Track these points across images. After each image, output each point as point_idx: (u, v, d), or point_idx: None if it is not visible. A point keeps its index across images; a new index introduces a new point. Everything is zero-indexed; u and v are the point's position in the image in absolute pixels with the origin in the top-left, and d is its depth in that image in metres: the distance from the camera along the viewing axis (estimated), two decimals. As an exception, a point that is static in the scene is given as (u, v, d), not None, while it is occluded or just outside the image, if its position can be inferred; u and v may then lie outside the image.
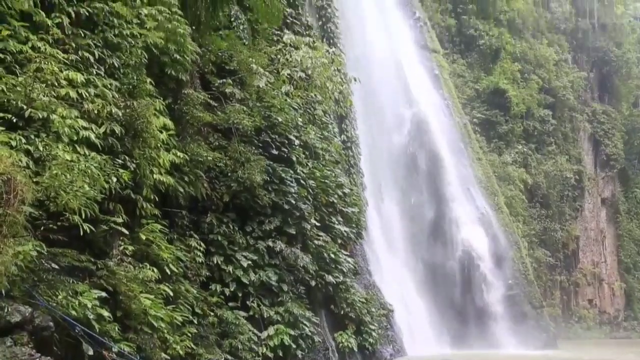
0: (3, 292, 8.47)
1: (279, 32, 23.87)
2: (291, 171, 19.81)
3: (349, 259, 22.34)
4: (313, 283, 19.52)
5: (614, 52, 63.44)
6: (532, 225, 49.56)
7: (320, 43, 24.17)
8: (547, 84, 55.64)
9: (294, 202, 19.11)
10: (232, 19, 20.75)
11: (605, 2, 66.14)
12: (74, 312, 9.66)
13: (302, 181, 20.33)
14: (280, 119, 20.06)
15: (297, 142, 20.93)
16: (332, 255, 20.78)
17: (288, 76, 22.07)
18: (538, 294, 40.06)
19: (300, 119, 22.14)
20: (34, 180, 9.57)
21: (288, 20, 25.37)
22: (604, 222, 60.65)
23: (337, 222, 22.70)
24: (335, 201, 22.86)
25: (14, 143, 9.88)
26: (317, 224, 20.81)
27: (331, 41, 30.61)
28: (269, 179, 18.45)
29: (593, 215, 59.59)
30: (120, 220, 11.96)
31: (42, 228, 10.01)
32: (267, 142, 19.54)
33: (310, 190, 20.90)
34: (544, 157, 53.80)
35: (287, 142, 20.33)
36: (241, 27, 21.05)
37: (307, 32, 26.45)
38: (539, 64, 55.98)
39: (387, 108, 37.98)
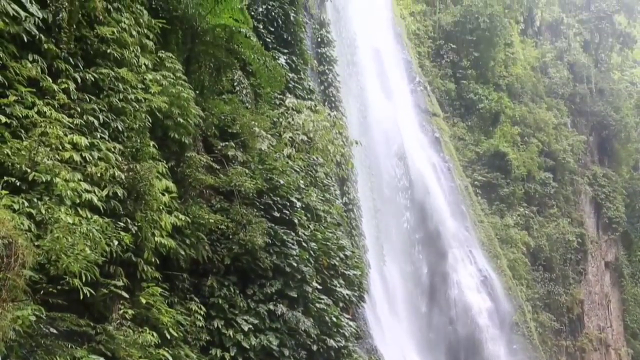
0: (0, 358, 8.34)
1: (281, 96, 24.22)
2: (293, 233, 19.74)
3: (351, 323, 22.01)
4: (315, 347, 19.18)
5: (613, 116, 64.13)
6: (536, 288, 49.05)
7: (321, 107, 24.53)
8: (547, 147, 56.05)
9: (295, 264, 18.97)
10: (236, 84, 21.09)
11: (602, 68, 67.40)
12: (71, 378, 9.49)
13: (303, 244, 20.24)
14: (282, 182, 20.13)
15: (298, 204, 20.94)
16: (334, 319, 20.48)
17: (290, 139, 22.28)
18: (544, 359, 39.33)
19: (302, 182, 22.22)
20: (35, 243, 9.54)
21: (290, 85, 25.77)
22: (609, 286, 60.07)
23: (338, 285, 22.47)
24: (337, 264, 22.69)
25: (16, 206, 9.90)
26: (319, 287, 20.59)
27: (332, 105, 31.05)
28: (270, 241, 18.37)
29: (597, 279, 59.06)
30: (120, 283, 11.87)
31: (41, 292, 9.93)
32: (269, 205, 19.54)
33: (312, 252, 20.78)
34: (546, 220, 53.69)
35: (288, 204, 20.34)
36: (244, 91, 21.38)
37: (309, 96, 26.84)
38: (539, 128, 56.52)
39: (387, 170, 38.18)
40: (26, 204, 10.17)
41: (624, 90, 68.80)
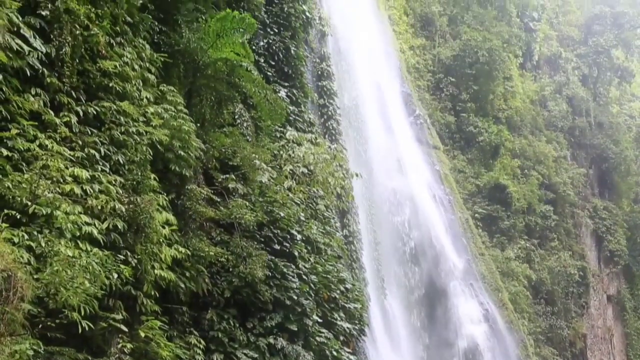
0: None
1: (282, 129, 24.33)
2: (293, 266, 19.67)
3: (352, 357, 21.77)
4: (315, 382, 19.00)
5: (612, 149, 64.33)
6: (538, 322, 48.65)
7: (322, 139, 24.63)
8: (547, 180, 56.10)
9: (295, 297, 18.86)
10: (236, 117, 21.21)
11: (601, 101, 67.83)
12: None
13: (304, 276, 20.15)
14: (282, 214, 20.11)
15: (299, 237, 20.90)
16: (335, 353, 20.28)
17: (290, 171, 22.33)
18: (546, 394, 38.88)
19: (303, 214, 22.20)
20: (35, 276, 9.51)
21: (291, 118, 25.91)
22: (611, 319, 59.59)
23: (339, 319, 22.30)
24: (338, 297, 22.55)
25: (16, 239, 9.89)
26: (319, 320, 20.44)
27: (333, 137, 31.20)
28: (270, 274, 18.29)
29: (599, 312, 58.61)
30: (119, 317, 11.80)
31: (40, 326, 9.86)
32: (269, 237, 19.50)
33: (312, 285, 20.67)
34: (547, 253, 53.49)
35: (289, 237, 20.30)
36: (245, 124, 21.49)
37: (309, 129, 26.97)
38: (539, 161, 56.65)
39: (387, 202, 38.17)
40: (26, 236, 10.16)
41: (622, 124, 69.14)
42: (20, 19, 11.25)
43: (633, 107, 74.67)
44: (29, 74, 11.32)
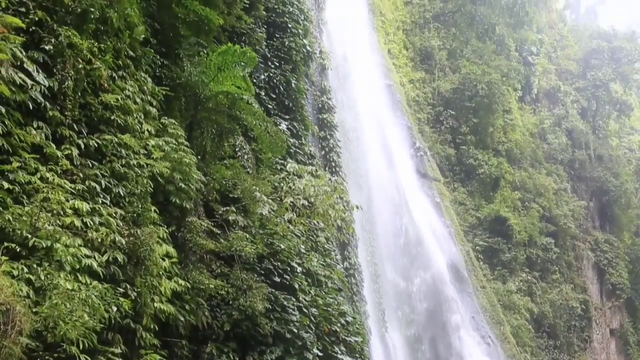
0: None
1: (282, 161, 24.41)
2: (293, 299, 19.55)
3: (352, 392, 21.57)
4: (315, 418, 18.75)
5: (612, 182, 64.37)
6: (540, 356, 48.17)
7: (322, 172, 24.70)
8: (548, 212, 56.04)
9: (296, 331, 18.71)
10: (237, 149, 21.28)
11: (600, 134, 68.11)
12: None
13: (304, 309, 20.01)
14: (282, 246, 20.07)
15: (299, 269, 20.82)
16: (335, 388, 20.10)
17: (291, 204, 22.33)
18: None
19: (303, 246, 22.15)
20: (34, 310, 9.46)
21: (292, 150, 26.01)
22: (614, 354, 59.00)
23: (340, 352, 22.08)
24: (338, 330, 22.37)
25: (16, 272, 9.86)
26: (320, 353, 20.23)
27: (333, 170, 31.28)
28: (270, 307, 18.17)
29: (602, 346, 58.05)
30: (118, 350, 11.70)
31: None
32: (270, 270, 19.42)
33: (313, 318, 20.52)
34: (549, 286, 53.18)
35: (289, 269, 20.22)
36: (246, 156, 21.55)
37: (310, 161, 27.06)
38: (539, 193, 56.66)
39: (388, 235, 38.10)
40: (25, 270, 10.13)
41: (622, 157, 69.33)
42: (24, 53, 11.36)
43: (632, 140, 74.96)
44: (31, 107, 11.39)
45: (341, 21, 39.83)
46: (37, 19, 11.97)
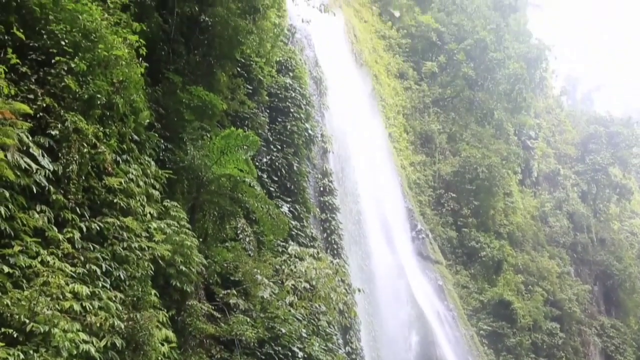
0: None
1: (284, 244, 24.37)
2: (294, 386, 19.14)
3: None
4: None
5: (616, 266, 63.88)
6: None
7: (324, 254, 24.57)
8: (552, 296, 55.32)
9: None
10: (239, 231, 21.27)
11: (601, 218, 68.12)
12: None
13: (305, 396, 19.55)
14: (284, 330, 19.78)
15: (300, 354, 20.43)
16: None
17: (292, 287, 22.11)
18: None
19: (304, 330, 21.81)
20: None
21: (293, 232, 26.01)
22: None
23: None
24: (340, 418, 21.78)
25: (12, 359, 9.68)
26: None
27: (335, 252, 31.14)
28: (271, 394, 17.77)
29: None
30: None
31: None
32: (270, 355, 19.08)
33: (314, 406, 20.02)
34: (556, 373, 51.93)
35: (290, 354, 19.86)
36: (247, 239, 21.52)
37: (311, 244, 27.01)
38: (542, 276, 56.11)
39: (390, 319, 37.53)
40: (22, 356, 9.93)
41: (624, 240, 69.10)
42: (30, 138, 11.55)
43: (634, 224, 74.97)
44: (35, 191, 11.48)
45: (342, 106, 40.53)
46: (44, 105, 12.26)
